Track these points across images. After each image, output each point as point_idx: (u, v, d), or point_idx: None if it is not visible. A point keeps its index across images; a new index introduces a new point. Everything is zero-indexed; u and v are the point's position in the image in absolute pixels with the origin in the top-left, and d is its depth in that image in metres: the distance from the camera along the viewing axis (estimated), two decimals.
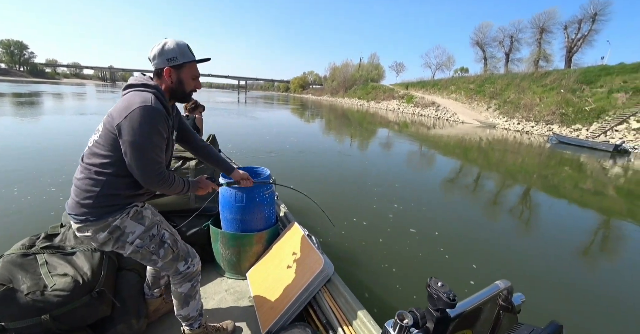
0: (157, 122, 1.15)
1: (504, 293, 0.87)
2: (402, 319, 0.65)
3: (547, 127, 21.01)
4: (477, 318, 0.87)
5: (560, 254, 3.86)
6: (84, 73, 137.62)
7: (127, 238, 1.28)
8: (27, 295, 1.31)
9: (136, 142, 1.12)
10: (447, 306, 0.64)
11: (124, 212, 1.26)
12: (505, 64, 38.95)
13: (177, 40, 1.26)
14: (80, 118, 12.67)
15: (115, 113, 1.16)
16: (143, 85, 1.22)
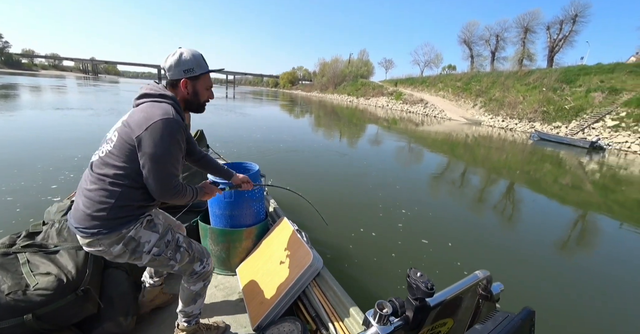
0: (177, 134, 1.14)
1: (483, 282, 0.89)
2: (381, 308, 0.66)
3: (529, 124, 21.68)
4: (458, 307, 0.90)
5: (539, 245, 4.07)
6: (63, 65, 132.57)
7: (143, 249, 1.25)
8: (8, 295, 1.28)
9: (157, 155, 1.10)
10: (425, 295, 0.66)
11: (137, 222, 1.22)
12: (491, 62, 39.75)
13: (192, 50, 1.25)
14: (60, 112, 12.22)
15: (133, 124, 1.12)
16: (161, 96, 1.20)
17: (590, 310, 2.84)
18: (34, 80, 41.49)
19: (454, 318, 0.89)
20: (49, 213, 1.96)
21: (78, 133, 7.97)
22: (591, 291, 3.14)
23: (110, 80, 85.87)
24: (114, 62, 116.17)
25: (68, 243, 1.60)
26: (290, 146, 9.00)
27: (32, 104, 14.06)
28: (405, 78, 48.89)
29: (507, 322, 0.71)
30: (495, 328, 0.68)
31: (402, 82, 46.88)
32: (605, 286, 3.24)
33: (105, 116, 11.60)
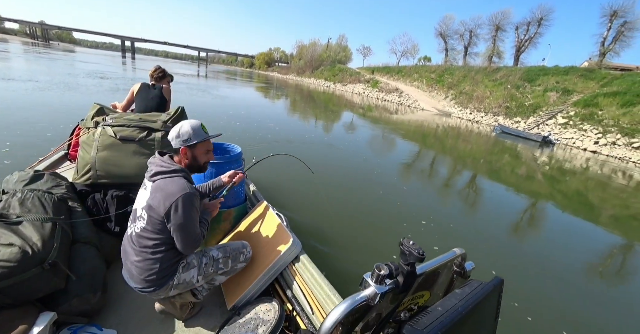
0: (195, 203, 1.36)
1: (458, 259, 0.98)
2: (379, 269, 0.71)
3: (494, 118, 23.34)
4: (435, 281, 0.98)
5: (499, 228, 4.66)
6: (5, 28, 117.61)
7: (193, 282, 1.52)
8: None
9: (182, 224, 1.34)
10: (417, 259, 0.72)
11: (177, 271, 1.47)
12: (463, 57, 41.31)
13: (191, 123, 1.45)
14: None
15: (156, 203, 1.33)
16: (173, 172, 1.39)
17: (535, 281, 3.41)
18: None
19: (430, 291, 0.97)
20: (7, 182, 1.87)
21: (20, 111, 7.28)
22: (550, 264, 3.75)
23: (65, 48, 78.32)
24: (68, 28, 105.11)
25: (32, 214, 1.53)
26: (278, 135, 8.52)
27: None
28: (382, 66, 49.48)
29: (481, 287, 0.80)
30: (472, 292, 0.78)
31: (379, 70, 47.51)
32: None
33: (51, 91, 9.96)
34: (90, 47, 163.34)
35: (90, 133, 2.21)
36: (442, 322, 0.66)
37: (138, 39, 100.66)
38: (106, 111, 2.46)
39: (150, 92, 3.04)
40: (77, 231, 1.73)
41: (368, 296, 0.70)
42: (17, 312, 1.29)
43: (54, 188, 1.89)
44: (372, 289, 0.70)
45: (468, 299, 0.74)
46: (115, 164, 2.11)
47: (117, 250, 1.94)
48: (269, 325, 1.48)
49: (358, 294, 0.71)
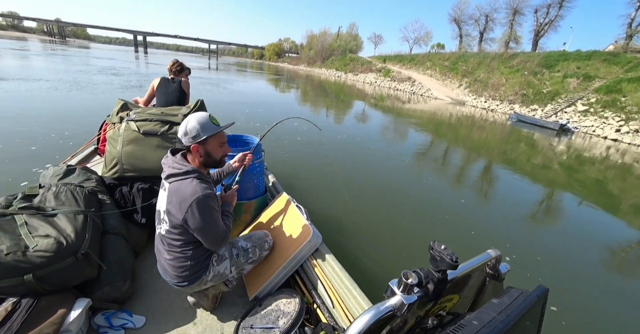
0: (210, 204, 1.32)
1: (492, 261, 0.90)
2: (407, 278, 0.65)
3: (509, 106, 22.69)
4: (466, 284, 0.90)
5: (537, 225, 4.42)
6: (24, 26, 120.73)
7: (227, 273, 1.56)
8: (8, 255, 1.30)
9: (201, 227, 1.32)
10: (449, 267, 0.66)
11: (210, 266, 1.50)
12: (478, 43, 40.01)
13: (197, 117, 1.34)
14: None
15: (173, 209, 1.32)
16: (185, 173, 1.34)
17: (571, 282, 3.17)
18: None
19: (460, 294, 0.90)
20: (44, 177, 1.97)
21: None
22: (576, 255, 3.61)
23: (80, 44, 79.60)
24: (83, 25, 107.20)
25: (66, 207, 1.61)
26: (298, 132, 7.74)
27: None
28: (394, 55, 48.47)
29: (523, 298, 0.72)
30: (512, 303, 0.69)
31: (391, 59, 46.57)
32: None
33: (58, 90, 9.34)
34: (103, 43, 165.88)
35: (115, 128, 2.28)
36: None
37: (150, 33, 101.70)
38: (130, 106, 2.54)
39: (170, 86, 3.11)
40: (106, 222, 1.80)
41: (394, 306, 0.65)
42: (57, 298, 1.39)
43: (85, 182, 1.97)
44: (399, 299, 0.65)
45: (509, 313, 0.66)
46: (140, 158, 2.17)
47: (143, 241, 2.09)
48: (289, 317, 1.48)
49: (383, 304, 0.65)
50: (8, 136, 4.84)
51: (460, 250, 0.69)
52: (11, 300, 1.31)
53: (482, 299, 0.97)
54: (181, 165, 1.35)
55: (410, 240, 3.50)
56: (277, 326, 1.47)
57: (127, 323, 1.56)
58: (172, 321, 1.62)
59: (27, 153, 4.27)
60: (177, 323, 1.61)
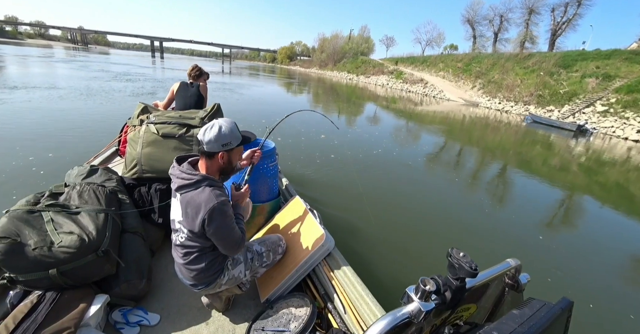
0: (226, 210, 1.31)
1: (511, 271, 0.87)
2: (424, 284, 0.64)
3: (524, 107, 22.19)
4: (483, 294, 0.87)
5: (559, 233, 4.23)
6: (50, 34, 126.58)
7: (242, 277, 1.58)
8: (35, 250, 1.36)
9: (220, 234, 1.33)
10: (468, 275, 0.65)
11: (225, 270, 1.51)
12: (493, 44, 39.36)
13: (229, 123, 1.34)
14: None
15: (190, 220, 1.31)
16: (196, 183, 1.31)
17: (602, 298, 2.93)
18: (19, 50, 39.77)
19: (477, 304, 0.88)
20: (69, 176, 2.03)
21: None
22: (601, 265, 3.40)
23: (100, 51, 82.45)
24: (103, 32, 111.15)
25: (89, 205, 1.68)
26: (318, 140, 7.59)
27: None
28: (407, 57, 48.21)
29: (546, 310, 0.69)
30: (534, 315, 0.66)
31: (403, 61, 46.33)
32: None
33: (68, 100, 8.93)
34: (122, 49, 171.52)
35: (136, 130, 2.35)
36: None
37: (166, 38, 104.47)
38: (149, 109, 2.62)
39: (189, 90, 3.20)
40: (125, 221, 1.84)
41: (411, 312, 0.63)
42: (78, 293, 1.45)
43: (107, 181, 2.03)
44: (416, 306, 0.63)
45: (531, 325, 0.63)
46: (158, 159, 2.22)
47: (160, 240, 2.13)
48: (300, 321, 1.48)
49: (400, 311, 0.64)
50: (36, 140, 5.11)
51: (477, 258, 0.68)
52: (36, 293, 1.38)
53: (500, 310, 0.94)
54: (190, 175, 1.32)
55: (425, 247, 3.39)
56: (289, 329, 1.46)
57: (142, 320, 1.60)
58: (185, 320, 1.65)
59: (46, 158, 4.43)
60: (190, 322, 1.64)
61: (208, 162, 1.37)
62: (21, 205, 1.56)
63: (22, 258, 1.34)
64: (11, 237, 1.34)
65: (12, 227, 1.39)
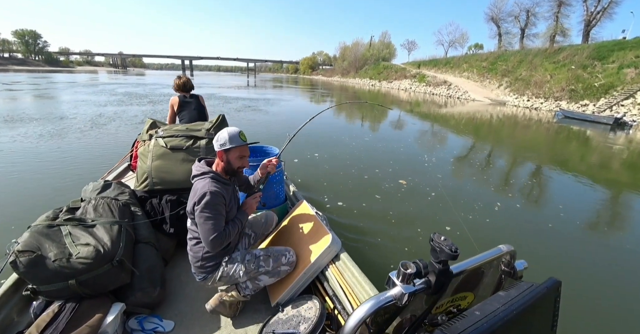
0: (214, 200, 1.48)
1: (506, 257, 0.86)
2: (405, 268, 0.65)
3: (555, 103, 21.20)
4: (479, 281, 0.87)
5: (566, 224, 3.98)
6: (96, 61, 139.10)
7: (237, 277, 1.66)
8: (55, 262, 1.42)
9: (202, 220, 1.49)
10: (449, 257, 0.65)
11: (220, 267, 1.64)
12: (520, 40, 37.86)
13: (230, 130, 1.57)
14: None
15: (190, 202, 1.54)
16: (202, 174, 1.58)
17: (618, 289, 2.83)
18: (71, 77, 43.16)
19: (474, 293, 0.88)
20: (85, 192, 2.11)
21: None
22: (621, 271, 3.11)
23: (137, 72, 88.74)
24: (140, 55, 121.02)
25: (103, 218, 1.75)
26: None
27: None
28: (429, 60, 47.58)
29: (531, 290, 0.69)
30: (519, 295, 0.67)
31: (426, 64, 45.86)
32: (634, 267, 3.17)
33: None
34: (156, 69, 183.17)
35: (146, 145, 2.43)
36: (478, 328, 0.58)
37: (195, 57, 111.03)
38: (158, 124, 2.70)
39: (191, 104, 3.31)
40: (138, 232, 1.92)
41: (394, 296, 0.64)
42: (96, 302, 1.52)
43: (120, 195, 2.11)
44: (399, 289, 0.65)
45: (513, 303, 0.65)
46: (167, 171, 2.29)
47: (172, 250, 2.22)
48: (310, 322, 1.50)
49: (383, 294, 0.66)
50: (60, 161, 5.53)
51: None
52: (57, 303, 1.46)
53: None
54: (201, 168, 1.61)
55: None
56: (299, 331, 1.49)
57: (157, 327, 1.64)
58: (199, 326, 1.70)
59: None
60: (203, 328, 1.69)
61: (216, 161, 1.65)
62: (41, 220, 1.65)
63: (44, 270, 1.41)
64: (33, 250, 1.42)
65: (33, 241, 1.47)
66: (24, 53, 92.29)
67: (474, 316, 0.62)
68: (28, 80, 30.91)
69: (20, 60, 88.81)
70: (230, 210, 1.66)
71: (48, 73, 54.17)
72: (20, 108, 11.31)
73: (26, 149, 6.07)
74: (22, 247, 1.43)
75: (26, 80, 30.77)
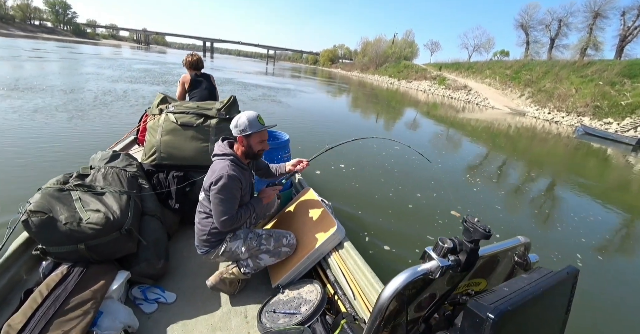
0: (230, 184, 1.52)
1: (521, 249, 0.89)
2: (443, 242, 0.68)
3: (577, 118, 20.64)
4: (493, 270, 0.90)
5: (580, 245, 3.90)
6: (120, 35, 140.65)
7: (238, 252, 1.70)
8: (65, 225, 1.44)
9: (216, 200, 1.53)
10: (482, 236, 0.67)
11: (224, 242, 1.69)
12: (548, 50, 36.68)
13: (248, 114, 1.59)
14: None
15: (207, 179, 1.59)
16: (223, 155, 1.62)
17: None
18: (96, 49, 44.00)
19: (487, 280, 0.91)
20: (93, 160, 2.12)
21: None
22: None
23: (159, 50, 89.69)
24: (163, 33, 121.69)
25: (112, 187, 1.77)
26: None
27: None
28: (451, 62, 46.57)
29: (552, 275, 0.72)
30: (542, 278, 0.70)
31: (447, 67, 44.87)
32: None
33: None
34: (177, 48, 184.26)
35: (155, 119, 2.40)
36: (511, 299, 0.60)
37: (216, 39, 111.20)
38: (168, 100, 2.67)
39: (202, 83, 3.24)
40: (145, 205, 1.94)
41: (430, 269, 0.66)
42: (102, 268, 1.56)
43: (128, 166, 2.11)
44: (435, 263, 0.66)
45: (538, 284, 0.67)
46: (176, 147, 2.29)
47: (176, 225, 2.26)
48: (311, 305, 1.53)
49: (419, 266, 0.67)
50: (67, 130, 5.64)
51: None
52: (65, 265, 1.50)
53: None
54: (224, 149, 1.65)
55: (435, 235, 3.19)
56: (299, 312, 1.51)
57: (160, 297, 1.70)
58: (200, 301, 1.74)
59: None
60: (205, 302, 1.74)
61: (236, 145, 1.69)
62: (52, 183, 1.66)
63: (55, 232, 1.43)
64: (44, 212, 1.44)
65: (45, 203, 1.48)
66: (53, 22, 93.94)
67: (503, 291, 0.64)
68: (51, 48, 31.40)
69: (50, 28, 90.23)
70: (245, 194, 1.69)
71: (74, 43, 55.19)
72: (31, 76, 11.23)
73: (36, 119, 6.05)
74: (34, 207, 1.45)
75: (48, 48, 31.25)
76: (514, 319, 0.59)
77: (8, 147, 4.37)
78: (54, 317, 1.27)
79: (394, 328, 0.76)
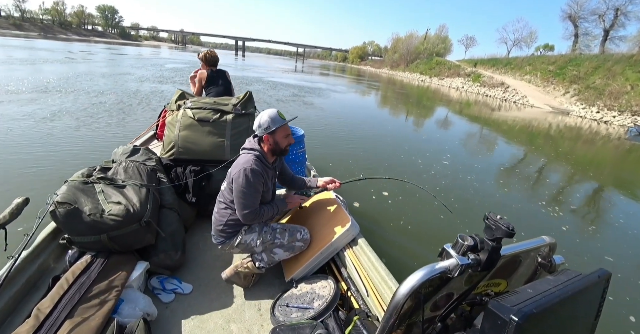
0: (253, 178, 1.56)
1: (545, 249, 0.84)
2: (464, 240, 0.65)
3: (632, 118, 18.77)
4: (515, 270, 0.85)
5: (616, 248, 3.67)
6: (159, 36, 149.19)
7: (252, 244, 1.73)
8: (89, 215, 1.51)
9: (239, 193, 1.58)
10: (505, 234, 0.63)
11: (239, 234, 1.73)
12: (601, 43, 33.31)
13: (269, 112, 1.63)
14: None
15: (233, 170, 1.63)
16: (251, 149, 1.67)
17: None
18: (137, 50, 47.08)
19: (508, 281, 0.87)
20: (115, 154, 2.21)
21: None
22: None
23: (194, 50, 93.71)
24: (198, 34, 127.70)
25: (132, 180, 1.84)
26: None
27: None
28: (487, 58, 44.09)
29: (581, 278, 0.67)
30: (569, 280, 0.66)
31: (483, 63, 42.58)
32: None
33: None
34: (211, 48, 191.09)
35: (174, 114, 2.47)
36: (536, 302, 0.57)
37: (248, 38, 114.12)
38: (186, 95, 2.73)
39: (218, 79, 3.29)
40: (163, 198, 2.00)
41: (448, 267, 0.64)
42: (123, 258, 1.63)
43: (147, 160, 2.19)
44: (454, 260, 0.64)
45: (566, 287, 0.63)
46: (193, 142, 2.35)
47: (192, 218, 2.31)
48: (324, 300, 1.53)
49: (437, 264, 0.65)
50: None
51: None
52: (89, 254, 1.58)
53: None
54: (253, 144, 1.70)
55: (452, 237, 3.10)
56: (312, 307, 1.53)
57: (177, 288, 1.76)
58: (215, 292, 1.79)
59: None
60: (220, 294, 1.78)
61: (262, 144, 1.72)
62: (77, 176, 1.76)
63: (79, 222, 1.51)
64: (70, 203, 1.53)
65: (71, 195, 1.57)
66: (103, 26, 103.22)
67: (527, 293, 0.60)
68: (96, 50, 33.92)
69: (100, 32, 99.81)
70: (267, 191, 1.72)
71: (119, 45, 59.65)
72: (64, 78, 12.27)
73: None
74: (61, 199, 1.54)
75: (94, 50, 33.71)
76: (539, 322, 0.55)
77: (36, 145, 4.70)
78: (78, 303, 1.35)
79: (409, 326, 0.74)
